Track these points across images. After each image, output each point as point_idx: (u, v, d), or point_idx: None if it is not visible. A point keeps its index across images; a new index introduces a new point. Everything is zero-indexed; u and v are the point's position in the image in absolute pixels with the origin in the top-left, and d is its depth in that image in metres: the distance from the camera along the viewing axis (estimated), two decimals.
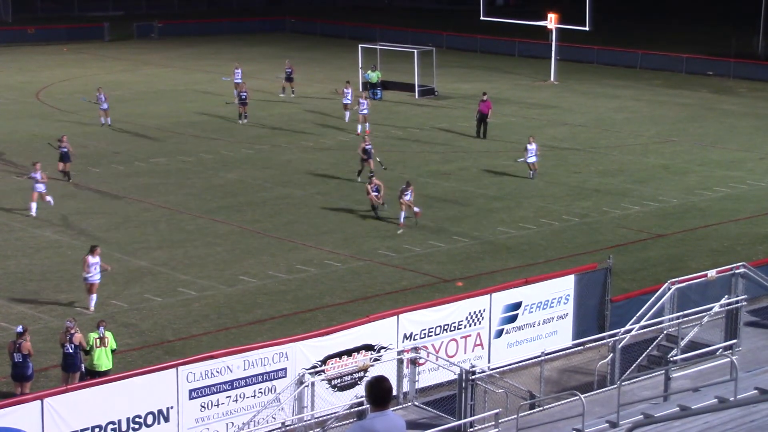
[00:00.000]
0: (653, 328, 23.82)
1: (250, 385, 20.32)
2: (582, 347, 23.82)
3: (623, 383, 20.76)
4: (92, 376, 21.18)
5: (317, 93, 57.65)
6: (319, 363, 21.06)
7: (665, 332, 24.02)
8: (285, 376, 20.67)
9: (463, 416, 20.70)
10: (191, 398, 19.69)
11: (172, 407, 19.54)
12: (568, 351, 23.93)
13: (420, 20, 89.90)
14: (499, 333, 23.69)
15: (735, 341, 23.89)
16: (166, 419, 19.50)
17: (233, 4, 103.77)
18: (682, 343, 22.99)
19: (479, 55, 75.49)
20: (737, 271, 25.18)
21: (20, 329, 21.53)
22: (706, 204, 37.58)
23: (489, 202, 37.16)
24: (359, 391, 20.98)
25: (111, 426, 18.92)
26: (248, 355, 20.33)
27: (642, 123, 52.08)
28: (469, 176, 40.57)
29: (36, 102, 54.77)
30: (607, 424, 18.85)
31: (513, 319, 23.87)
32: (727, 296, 24.56)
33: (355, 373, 21.54)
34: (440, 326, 22.79)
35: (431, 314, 22.72)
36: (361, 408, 20.17)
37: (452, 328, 22.96)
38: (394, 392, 20.61)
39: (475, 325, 23.28)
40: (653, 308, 23.88)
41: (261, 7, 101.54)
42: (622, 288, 27.28)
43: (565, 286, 24.56)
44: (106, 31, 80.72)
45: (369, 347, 21.75)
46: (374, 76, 57.94)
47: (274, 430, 20.19)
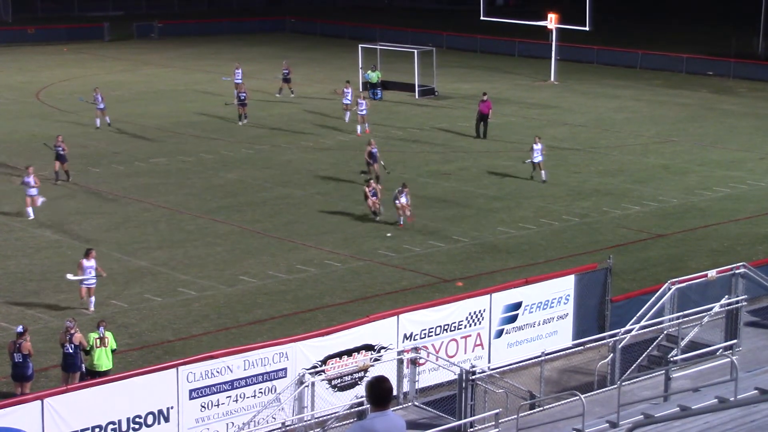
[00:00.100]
0: (653, 328, 23.81)
1: (250, 385, 20.32)
2: (582, 347, 23.82)
3: (623, 383, 20.75)
4: (92, 376, 21.19)
5: (317, 93, 57.63)
6: (319, 363, 21.05)
7: (665, 332, 24.01)
8: (285, 376, 20.67)
9: (463, 416, 20.70)
10: (191, 398, 19.69)
11: (173, 407, 19.54)
12: (568, 351, 23.92)
13: (420, 20, 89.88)
14: (499, 333, 23.69)
15: (735, 341, 23.88)
16: (167, 419, 19.50)
17: (233, 4, 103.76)
18: (683, 343, 22.98)
19: (479, 55, 75.47)
20: (737, 271, 25.16)
21: (20, 329, 21.53)
22: (706, 204, 37.57)
23: (489, 202, 37.16)
24: (359, 391, 20.98)
25: (111, 426, 18.92)
26: (248, 355, 20.33)
27: (642, 123, 52.07)
28: (469, 176, 40.56)
29: (36, 102, 54.78)
30: (607, 424, 18.84)
31: (513, 319, 23.87)
32: (727, 296, 24.55)
33: (355, 373, 21.54)
34: (440, 326, 22.79)
35: (431, 314, 22.72)
36: (361, 408, 20.17)
37: (452, 328, 22.95)
38: (394, 392, 20.60)
39: (475, 325, 23.28)
40: (653, 308, 23.87)
41: (261, 7, 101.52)
42: (622, 288, 27.27)
43: (565, 286, 24.56)
44: (106, 31, 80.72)
45: (369, 347, 21.75)
46: (374, 76, 57.92)
47: (274, 430, 20.19)
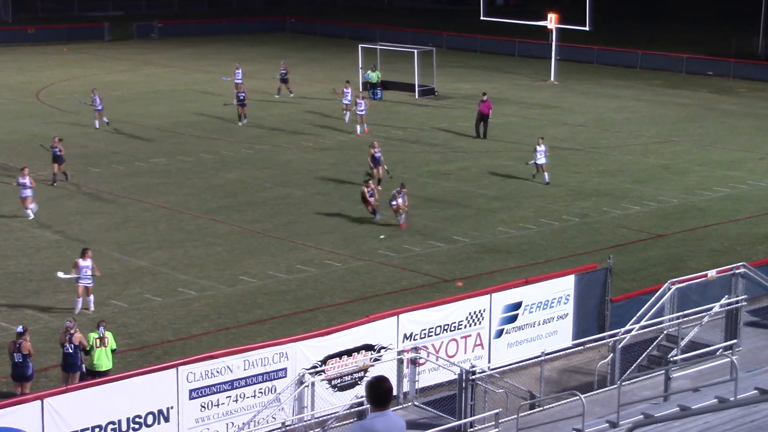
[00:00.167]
0: (653, 328, 23.80)
1: (250, 385, 20.32)
2: (582, 347, 23.81)
3: (623, 383, 20.74)
4: (92, 376, 21.19)
5: (317, 93, 57.62)
6: (319, 363, 21.05)
7: (665, 332, 24.01)
8: (285, 376, 20.67)
9: (463, 416, 20.70)
10: (191, 398, 19.69)
11: (172, 407, 19.54)
12: (568, 351, 23.92)
13: (420, 20, 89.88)
14: (499, 333, 23.69)
15: (735, 341, 23.88)
16: (166, 419, 19.50)
17: (233, 4, 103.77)
18: (682, 343, 22.98)
19: (479, 55, 75.47)
20: (737, 271, 25.16)
21: (20, 329, 21.54)
22: (706, 204, 37.57)
23: (489, 202, 37.16)
24: (359, 391, 20.98)
25: (111, 426, 18.92)
26: (248, 355, 20.33)
27: (642, 123, 52.07)
28: (469, 176, 40.56)
29: (36, 102, 54.78)
30: (607, 424, 18.84)
31: (513, 319, 23.87)
32: (727, 296, 24.54)
33: (355, 373, 21.54)
34: (440, 326, 22.79)
35: (431, 314, 22.72)
36: (361, 408, 20.17)
37: (452, 328, 22.95)
38: (394, 392, 20.59)
39: (475, 325, 23.28)
40: (653, 308, 23.87)
41: (261, 7, 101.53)
42: (622, 288, 27.27)
43: (565, 286, 24.56)
44: (106, 31, 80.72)
45: (369, 347, 21.75)
46: (374, 76, 57.92)
47: (274, 430, 20.19)
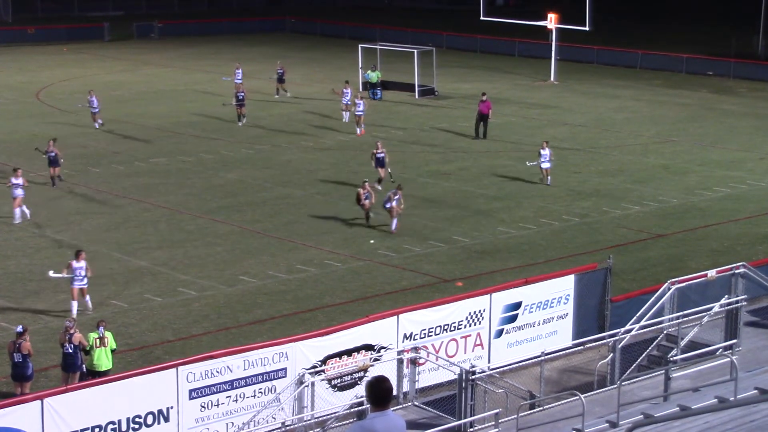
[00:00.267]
0: (653, 328, 23.80)
1: (250, 385, 20.32)
2: (582, 347, 23.81)
3: (623, 383, 20.73)
4: (92, 376, 21.19)
5: (317, 93, 57.61)
6: (319, 363, 21.05)
7: (665, 332, 24.01)
8: (285, 376, 20.67)
9: (463, 416, 20.69)
10: (191, 398, 19.69)
11: (172, 407, 19.54)
12: (568, 351, 23.92)
13: (420, 20, 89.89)
14: (499, 333, 23.69)
15: (735, 341, 23.87)
16: (166, 419, 19.50)
17: (233, 4, 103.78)
18: (682, 343, 22.98)
19: (479, 55, 75.47)
20: (737, 271, 25.16)
21: (20, 329, 21.54)
22: (706, 204, 37.57)
23: (489, 202, 37.16)
24: (359, 391, 20.98)
25: (111, 426, 18.92)
26: (248, 355, 20.33)
27: (642, 123, 52.06)
28: (469, 176, 40.56)
29: (36, 102, 54.79)
30: (607, 424, 18.84)
31: (513, 319, 23.86)
32: (727, 296, 24.54)
33: (355, 373, 21.54)
34: (440, 326, 22.79)
35: (431, 314, 22.72)
36: (361, 408, 20.17)
37: (452, 328, 22.95)
38: (394, 392, 20.59)
39: (475, 325, 23.28)
40: (653, 308, 23.87)
41: (261, 7, 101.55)
42: (622, 288, 27.27)
43: (565, 286, 24.55)
44: (106, 31, 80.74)
45: (369, 347, 21.74)
46: (374, 76, 57.92)
47: (274, 430, 20.19)
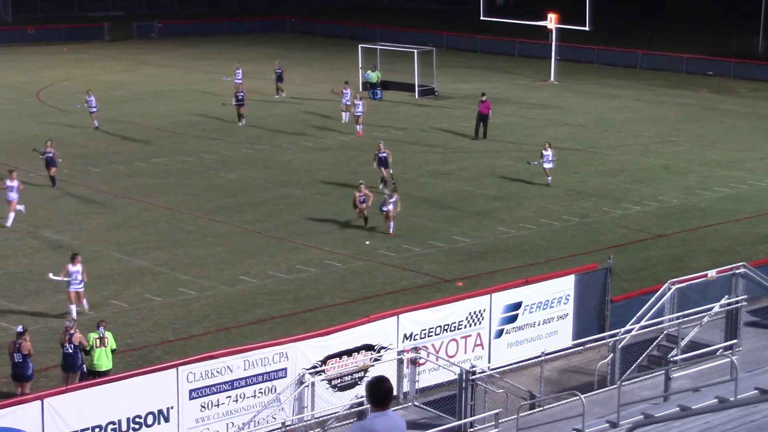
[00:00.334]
0: (653, 328, 23.80)
1: (251, 385, 20.32)
2: (582, 347, 23.81)
3: (623, 383, 20.74)
4: (92, 376, 21.19)
5: (317, 93, 57.62)
6: (319, 363, 21.05)
7: (665, 332, 24.00)
8: (285, 376, 20.67)
9: (463, 416, 20.70)
10: (191, 398, 19.69)
11: (173, 407, 19.54)
12: (568, 351, 23.92)
13: (420, 20, 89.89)
14: (499, 333, 23.69)
15: (735, 341, 23.87)
16: (167, 419, 19.50)
17: (233, 4, 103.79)
18: (682, 343, 22.98)
19: (479, 55, 75.47)
20: (737, 271, 25.16)
21: (20, 329, 21.54)
22: (706, 204, 37.57)
23: (489, 202, 37.16)
24: (359, 391, 20.98)
25: (111, 426, 18.92)
26: (248, 355, 20.32)
27: (642, 123, 52.07)
28: (469, 176, 40.56)
29: (36, 102, 54.79)
30: (607, 424, 18.84)
31: (513, 319, 23.86)
32: (727, 296, 24.54)
33: (355, 373, 21.54)
34: (440, 326, 22.78)
35: (431, 314, 22.71)
36: (361, 408, 20.17)
37: (452, 328, 22.95)
38: (395, 392, 20.59)
39: (475, 325, 23.28)
40: (653, 308, 23.87)
41: (261, 7, 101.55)
42: (622, 288, 27.27)
43: (565, 286, 24.55)
44: (106, 31, 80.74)
45: (369, 347, 21.74)
46: (374, 76, 57.93)
47: (274, 430, 20.18)
